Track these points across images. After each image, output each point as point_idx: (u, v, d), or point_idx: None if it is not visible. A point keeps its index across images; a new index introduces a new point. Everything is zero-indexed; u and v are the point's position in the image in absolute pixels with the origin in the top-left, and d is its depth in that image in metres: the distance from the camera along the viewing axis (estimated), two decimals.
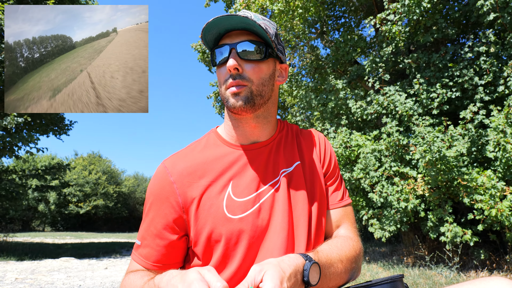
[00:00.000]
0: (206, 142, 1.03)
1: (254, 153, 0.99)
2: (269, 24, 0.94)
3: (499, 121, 4.54)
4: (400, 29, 5.64)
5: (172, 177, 0.94)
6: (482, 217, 4.62)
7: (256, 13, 0.94)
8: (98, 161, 32.31)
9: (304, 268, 0.76)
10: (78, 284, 4.76)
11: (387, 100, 5.64)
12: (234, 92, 0.90)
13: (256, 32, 0.92)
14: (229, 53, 0.91)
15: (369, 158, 5.52)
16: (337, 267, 0.86)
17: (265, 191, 0.95)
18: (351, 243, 0.96)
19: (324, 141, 1.11)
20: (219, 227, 0.90)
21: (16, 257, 8.04)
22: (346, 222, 1.03)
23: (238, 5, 7.42)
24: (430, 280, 4.37)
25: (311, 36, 8.31)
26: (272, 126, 1.03)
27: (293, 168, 1.00)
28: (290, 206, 0.95)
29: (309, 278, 0.75)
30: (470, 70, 5.31)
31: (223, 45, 0.92)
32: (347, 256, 0.91)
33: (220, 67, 0.94)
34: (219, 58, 0.93)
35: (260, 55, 0.92)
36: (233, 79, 0.90)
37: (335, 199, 1.04)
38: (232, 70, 0.90)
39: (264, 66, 0.94)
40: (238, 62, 0.89)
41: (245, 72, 0.91)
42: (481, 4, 5.07)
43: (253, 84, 0.91)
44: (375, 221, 5.56)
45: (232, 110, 0.92)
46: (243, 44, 0.90)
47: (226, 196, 0.93)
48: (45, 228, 30.30)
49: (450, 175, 4.70)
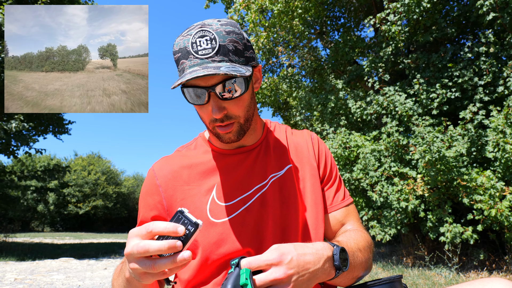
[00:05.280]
0: (193, 146, 1.04)
1: (240, 158, 0.98)
2: (235, 36, 0.82)
3: (498, 122, 4.55)
4: (399, 29, 5.64)
5: (158, 180, 0.96)
6: (482, 217, 4.63)
7: (217, 23, 0.82)
8: (98, 162, 32.28)
9: (334, 253, 0.75)
10: (78, 285, 4.76)
11: (387, 100, 5.64)
12: (225, 131, 0.87)
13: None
14: (207, 97, 0.82)
15: (368, 159, 5.52)
16: (357, 256, 0.85)
17: (251, 195, 0.93)
18: (362, 234, 0.95)
19: (318, 141, 1.09)
20: (202, 230, 0.89)
21: (16, 257, 8.03)
22: (351, 219, 1.02)
23: (237, 5, 7.42)
24: (430, 280, 4.37)
25: (311, 36, 8.31)
26: (257, 132, 1.01)
27: (284, 172, 0.98)
28: (279, 211, 0.93)
29: (340, 263, 0.74)
30: (469, 71, 5.31)
31: (197, 87, 0.81)
32: (363, 246, 0.90)
33: (199, 105, 0.86)
34: (194, 99, 0.83)
35: (241, 88, 0.83)
36: (221, 121, 0.85)
37: (337, 200, 1.02)
38: (218, 118, 0.84)
39: (246, 94, 0.87)
40: (221, 106, 0.83)
41: (229, 111, 0.85)
42: (480, 4, 5.07)
43: (241, 118, 0.88)
44: (375, 223, 5.56)
45: (224, 142, 0.91)
46: (221, 85, 0.80)
47: (210, 200, 0.92)
48: (44, 228, 30.26)
49: (449, 175, 4.70)
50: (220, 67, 0.77)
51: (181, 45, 0.81)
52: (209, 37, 0.79)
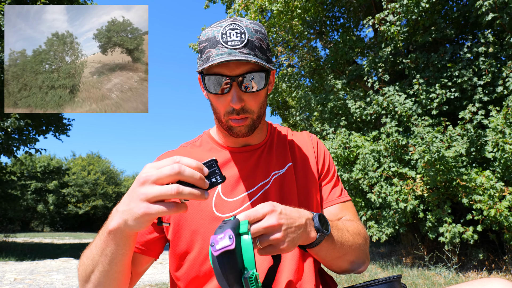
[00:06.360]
0: (198, 143, 1.07)
1: (245, 156, 1.01)
2: (261, 36, 0.87)
3: (498, 122, 4.55)
4: (398, 29, 5.64)
5: None
6: (481, 218, 4.63)
7: (247, 21, 0.87)
8: (97, 162, 32.27)
9: (313, 216, 0.79)
10: (77, 285, 4.75)
11: (387, 100, 5.64)
12: (238, 124, 0.90)
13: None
14: (230, 86, 0.85)
15: (367, 159, 5.52)
16: (345, 235, 0.87)
17: (255, 192, 0.96)
18: (353, 223, 0.97)
19: (317, 141, 1.12)
20: (206, 224, 0.91)
21: (15, 257, 8.03)
22: (347, 214, 1.04)
23: (237, 5, 7.42)
24: (429, 280, 4.37)
25: (310, 36, 8.32)
26: (263, 131, 1.05)
27: (285, 170, 1.01)
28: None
29: (319, 224, 0.77)
30: (469, 71, 5.32)
31: (221, 75, 0.84)
32: (353, 230, 0.92)
33: (217, 95, 0.89)
34: (215, 87, 0.86)
35: (260, 83, 0.87)
36: (237, 114, 0.89)
37: (334, 196, 1.05)
38: (237, 108, 0.87)
39: (263, 91, 0.92)
40: (241, 97, 0.86)
41: (246, 104, 0.89)
42: (479, 4, 5.08)
43: (255, 114, 0.92)
44: (373, 223, 5.57)
45: (234, 136, 0.94)
46: (244, 76, 0.84)
47: (216, 195, 0.95)
48: (44, 228, 30.26)
49: (449, 175, 4.71)
50: (250, 56, 0.82)
51: (210, 35, 0.85)
52: (239, 30, 0.84)
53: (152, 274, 5.77)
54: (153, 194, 0.62)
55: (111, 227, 0.69)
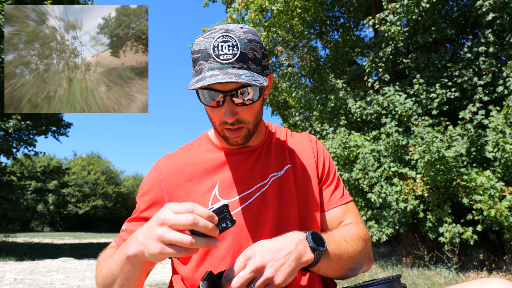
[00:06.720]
0: (196, 145, 1.07)
1: (243, 157, 1.01)
2: (255, 45, 0.85)
3: (498, 122, 4.55)
4: (399, 29, 5.64)
5: (161, 176, 0.98)
6: (481, 218, 4.63)
7: (240, 30, 0.84)
8: (97, 162, 32.27)
9: (306, 236, 0.78)
10: (77, 285, 4.75)
11: (387, 100, 5.64)
12: (233, 136, 0.90)
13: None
14: (223, 101, 0.85)
15: (368, 159, 5.52)
16: (343, 245, 0.86)
17: (252, 193, 0.96)
18: (353, 227, 0.96)
19: (316, 143, 1.11)
20: None
21: (15, 257, 8.03)
22: (349, 216, 1.03)
23: (236, 5, 7.41)
24: (429, 280, 4.37)
25: (311, 36, 8.31)
26: (260, 134, 1.04)
27: (283, 172, 1.00)
28: (278, 209, 0.95)
29: (314, 243, 0.76)
30: (469, 71, 5.31)
31: (214, 90, 0.83)
32: (351, 237, 0.91)
33: (211, 107, 0.88)
34: (208, 100, 0.86)
35: (254, 96, 0.86)
36: (231, 125, 0.88)
37: (335, 198, 1.04)
38: (230, 122, 0.87)
39: (258, 101, 0.90)
40: (234, 110, 0.86)
41: (241, 116, 0.88)
42: (480, 4, 5.07)
43: (250, 124, 0.91)
44: (373, 223, 5.56)
45: (229, 145, 0.95)
46: (237, 91, 0.83)
47: (212, 196, 0.95)
48: (44, 228, 30.25)
49: (449, 175, 4.70)
50: (241, 74, 0.79)
51: (202, 47, 0.83)
52: (231, 43, 0.81)
53: (152, 274, 5.77)
54: (168, 239, 0.67)
55: (129, 253, 0.75)
